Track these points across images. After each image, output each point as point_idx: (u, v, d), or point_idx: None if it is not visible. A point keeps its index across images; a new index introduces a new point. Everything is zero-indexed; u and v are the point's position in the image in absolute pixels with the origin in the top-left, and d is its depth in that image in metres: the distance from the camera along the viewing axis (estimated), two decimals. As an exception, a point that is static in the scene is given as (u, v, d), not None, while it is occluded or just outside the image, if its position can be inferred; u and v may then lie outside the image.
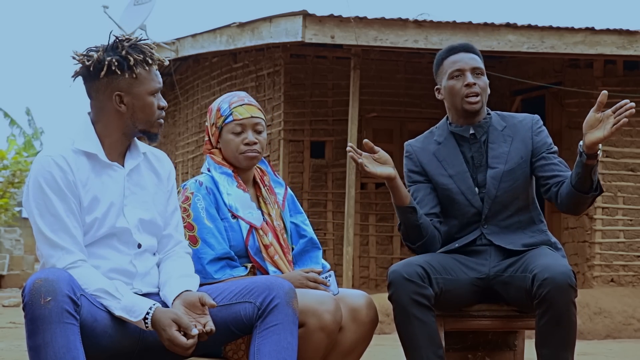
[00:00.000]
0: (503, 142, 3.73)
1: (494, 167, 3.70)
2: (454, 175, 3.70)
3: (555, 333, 3.39)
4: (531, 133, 3.75)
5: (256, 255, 3.37)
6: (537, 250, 3.60)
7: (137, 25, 11.67)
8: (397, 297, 3.45)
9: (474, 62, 3.73)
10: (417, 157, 3.78)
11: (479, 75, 3.72)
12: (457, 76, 3.72)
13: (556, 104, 11.57)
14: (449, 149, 3.74)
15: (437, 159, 3.74)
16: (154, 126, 3.07)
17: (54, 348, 2.71)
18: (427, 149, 3.78)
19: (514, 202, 3.70)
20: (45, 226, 2.92)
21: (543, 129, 3.80)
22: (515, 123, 3.78)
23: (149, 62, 3.03)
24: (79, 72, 3.03)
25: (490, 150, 3.72)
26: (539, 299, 3.37)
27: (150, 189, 3.12)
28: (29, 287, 2.74)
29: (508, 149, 3.71)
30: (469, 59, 3.73)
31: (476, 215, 3.69)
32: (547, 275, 3.36)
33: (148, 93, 3.03)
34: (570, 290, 3.36)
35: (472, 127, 3.73)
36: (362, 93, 10.65)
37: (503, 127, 3.75)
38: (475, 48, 3.80)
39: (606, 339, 10.07)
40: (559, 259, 3.50)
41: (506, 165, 3.69)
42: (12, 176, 20.07)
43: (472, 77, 3.70)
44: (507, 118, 3.80)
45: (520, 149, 3.72)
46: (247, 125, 3.43)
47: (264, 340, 2.96)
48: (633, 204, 11.23)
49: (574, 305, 3.38)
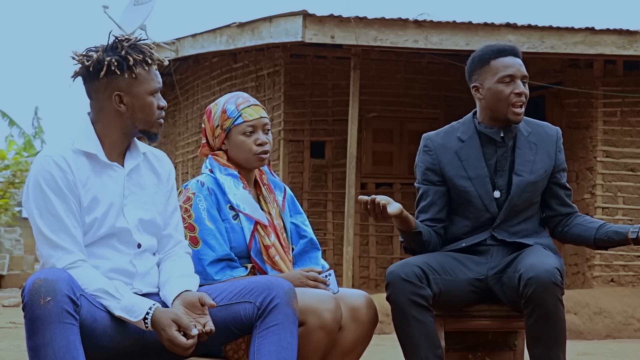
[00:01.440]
0: (529, 149, 3.68)
1: (520, 174, 3.64)
2: (473, 179, 3.64)
3: (544, 331, 3.39)
4: (555, 148, 3.73)
5: (257, 256, 3.37)
6: (529, 249, 3.59)
7: (137, 25, 11.67)
8: (395, 297, 3.45)
9: (524, 69, 3.65)
10: (437, 155, 3.68)
11: (525, 83, 3.65)
12: (507, 82, 3.61)
13: (556, 104, 11.57)
14: (472, 149, 3.66)
15: (459, 158, 3.65)
16: (153, 126, 3.07)
17: (54, 348, 2.71)
18: (449, 147, 3.68)
19: (526, 211, 3.69)
20: (45, 226, 2.92)
21: (562, 147, 3.79)
22: (540, 132, 3.73)
23: (149, 62, 3.03)
24: (79, 72, 3.02)
25: (518, 156, 3.66)
26: (525, 298, 3.38)
27: (150, 189, 3.12)
28: (28, 287, 2.74)
29: (534, 157, 3.67)
30: (519, 66, 3.64)
31: (489, 219, 3.66)
32: (531, 274, 3.36)
33: (148, 93, 3.03)
34: (555, 288, 3.35)
35: (502, 131, 3.66)
36: (362, 93, 10.65)
37: (529, 133, 3.70)
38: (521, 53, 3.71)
39: (606, 339, 10.07)
40: (546, 257, 3.46)
41: (531, 176, 3.65)
42: (12, 176, 20.05)
43: (522, 85, 3.63)
44: (531, 123, 3.75)
45: (545, 162, 3.69)
46: (257, 126, 3.42)
47: (263, 340, 2.96)
48: (633, 204, 11.23)
49: (560, 302, 3.38)
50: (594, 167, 11.09)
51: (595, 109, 11.12)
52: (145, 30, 11.89)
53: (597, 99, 11.11)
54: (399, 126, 12.12)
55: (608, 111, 11.17)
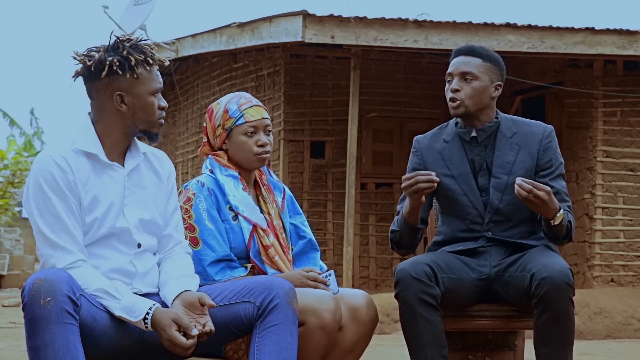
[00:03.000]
0: (510, 150, 3.68)
1: (497, 176, 3.67)
2: (456, 176, 3.69)
3: (554, 331, 3.40)
4: (539, 146, 3.70)
5: (255, 257, 3.36)
6: (535, 250, 3.60)
7: (137, 25, 11.66)
8: (404, 295, 3.45)
9: (466, 66, 3.69)
10: (422, 156, 3.76)
11: (470, 80, 3.67)
12: (448, 81, 3.74)
13: (556, 104, 11.57)
14: (454, 149, 3.72)
15: (442, 158, 3.72)
16: (154, 126, 3.07)
17: (54, 348, 2.71)
18: (434, 147, 3.76)
19: (517, 215, 3.67)
20: (45, 226, 2.92)
21: (552, 144, 3.73)
22: (526, 131, 3.72)
23: (150, 63, 3.03)
24: (80, 72, 3.03)
25: (496, 158, 3.68)
26: (537, 298, 3.38)
27: (150, 189, 3.12)
28: (28, 287, 2.74)
29: (514, 158, 3.67)
30: (461, 63, 3.70)
31: (479, 217, 3.68)
32: (545, 274, 3.37)
33: (149, 93, 3.03)
34: (568, 289, 3.38)
35: (474, 130, 3.71)
36: (362, 93, 10.65)
37: (513, 134, 3.71)
38: (481, 50, 3.74)
39: (606, 339, 10.07)
40: (557, 258, 3.50)
41: (510, 177, 3.64)
42: (12, 176, 20.05)
43: (459, 82, 3.68)
44: (519, 124, 3.75)
45: (526, 161, 3.68)
46: (259, 127, 3.43)
47: (263, 340, 2.96)
48: (633, 204, 11.23)
49: (572, 303, 3.40)
50: (594, 167, 11.09)
51: (595, 109, 11.12)
52: (145, 30, 11.89)
53: (597, 99, 11.11)
54: (399, 126, 12.12)
55: (608, 111, 11.16)
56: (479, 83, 3.68)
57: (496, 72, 3.72)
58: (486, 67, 3.70)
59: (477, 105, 3.68)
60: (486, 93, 3.69)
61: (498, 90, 3.72)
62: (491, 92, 3.70)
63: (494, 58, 3.74)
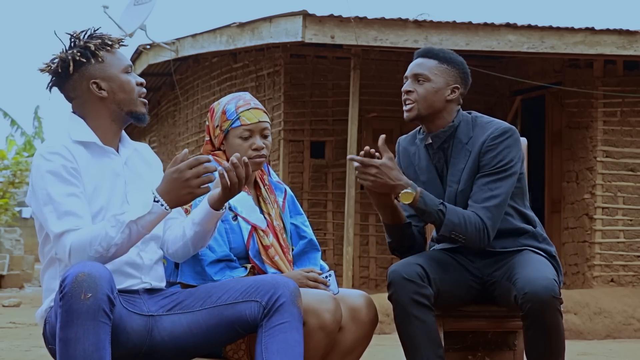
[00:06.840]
0: (463, 156, 3.56)
1: (450, 185, 3.57)
2: (425, 182, 3.61)
3: (543, 344, 3.37)
4: (480, 149, 3.52)
5: (255, 257, 3.36)
6: (520, 256, 3.51)
7: (137, 25, 11.67)
8: (396, 297, 3.44)
9: (419, 68, 3.58)
10: (399, 159, 3.72)
11: (422, 82, 3.57)
12: (404, 83, 3.63)
13: (556, 104, 11.57)
14: (422, 154, 3.65)
15: (413, 164, 3.66)
16: (138, 104, 3.12)
17: (84, 344, 2.72)
18: (409, 151, 3.70)
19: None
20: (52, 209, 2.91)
21: (495, 147, 3.51)
22: (479, 135, 3.56)
23: (109, 44, 3.11)
24: (52, 81, 3.12)
25: (451, 166, 3.58)
26: (523, 312, 3.33)
27: (146, 177, 3.16)
28: (70, 279, 2.73)
29: (464, 165, 3.55)
30: (415, 65, 3.60)
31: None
32: (527, 289, 3.29)
33: (120, 71, 3.10)
34: (555, 302, 3.30)
35: (430, 136, 3.61)
36: (362, 93, 10.65)
37: (469, 139, 3.57)
38: (439, 52, 3.61)
39: (606, 339, 10.08)
40: (541, 266, 3.40)
41: (459, 185, 3.54)
42: (12, 176, 20.05)
43: (412, 83, 3.57)
44: (477, 127, 3.58)
45: (472, 168, 3.54)
46: (255, 130, 3.41)
47: (271, 339, 2.96)
48: (633, 204, 11.23)
49: (560, 314, 3.34)
50: (594, 167, 11.09)
51: (595, 109, 11.12)
52: (145, 30, 11.89)
53: (597, 99, 11.11)
54: (399, 126, 12.10)
55: (608, 111, 11.17)
56: (431, 85, 3.55)
57: (454, 75, 3.59)
58: (441, 69, 3.57)
59: (430, 108, 3.56)
60: (439, 95, 3.56)
61: (455, 93, 3.58)
62: (446, 95, 3.56)
63: (453, 61, 3.60)
